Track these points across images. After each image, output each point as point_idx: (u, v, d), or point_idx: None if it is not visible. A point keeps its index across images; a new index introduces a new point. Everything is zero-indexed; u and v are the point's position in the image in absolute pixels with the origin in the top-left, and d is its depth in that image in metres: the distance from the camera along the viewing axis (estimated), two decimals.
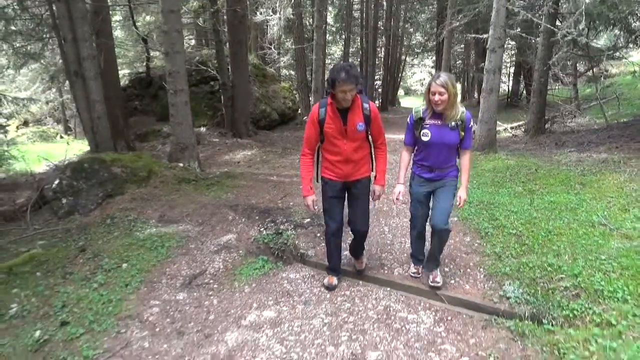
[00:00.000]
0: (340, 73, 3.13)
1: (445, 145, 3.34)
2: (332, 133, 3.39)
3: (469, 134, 3.38)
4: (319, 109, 3.42)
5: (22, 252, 4.81)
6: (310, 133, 3.49)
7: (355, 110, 3.35)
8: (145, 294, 3.86)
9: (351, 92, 3.20)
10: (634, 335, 2.50)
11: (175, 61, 6.71)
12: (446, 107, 3.21)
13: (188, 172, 7.01)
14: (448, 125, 3.28)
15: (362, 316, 3.30)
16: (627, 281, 3.11)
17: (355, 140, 3.42)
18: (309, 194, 3.55)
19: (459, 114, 3.27)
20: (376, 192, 3.63)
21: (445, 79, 3.18)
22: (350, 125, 3.34)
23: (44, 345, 3.18)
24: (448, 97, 3.16)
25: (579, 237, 4.05)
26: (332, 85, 3.19)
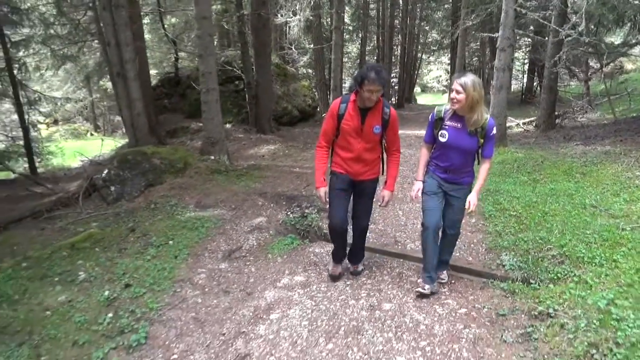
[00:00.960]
0: (370, 72, 3.13)
1: (461, 150, 3.28)
2: (348, 130, 3.42)
3: (490, 142, 3.28)
4: (339, 104, 3.45)
5: (80, 232, 5.51)
6: (328, 127, 3.51)
7: (375, 112, 3.39)
8: (192, 264, 4.51)
9: (377, 92, 3.22)
10: (602, 288, 3.04)
11: (208, 63, 7.37)
12: (464, 109, 3.14)
13: (219, 164, 7.67)
14: (467, 130, 3.21)
15: (379, 279, 3.90)
16: (604, 250, 3.65)
17: (369, 141, 3.45)
18: (321, 185, 3.58)
19: (482, 121, 3.16)
20: (385, 198, 3.65)
21: (466, 80, 3.07)
22: (367, 126, 3.38)
23: (113, 302, 3.83)
24: (466, 98, 3.06)
25: (570, 217, 4.58)
26: (361, 82, 3.20)
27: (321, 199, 3.64)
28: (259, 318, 3.41)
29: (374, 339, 2.99)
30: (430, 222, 3.44)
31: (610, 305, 2.70)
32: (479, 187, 3.37)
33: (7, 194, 9.36)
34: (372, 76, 3.12)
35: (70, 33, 11.86)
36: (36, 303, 3.91)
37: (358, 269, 4.05)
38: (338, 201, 3.62)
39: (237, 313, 3.53)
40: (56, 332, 3.43)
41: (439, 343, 2.90)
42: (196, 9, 7.07)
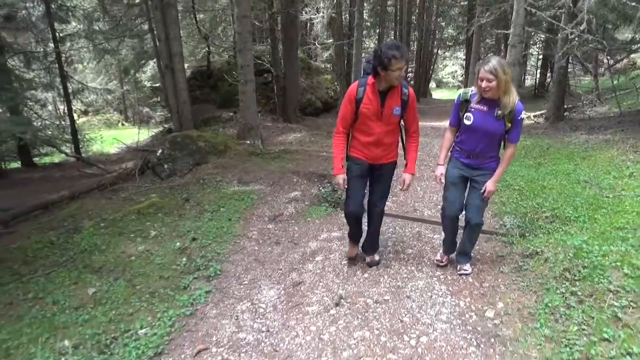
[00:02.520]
0: (393, 51, 3.05)
1: (487, 133, 3.23)
2: (367, 114, 3.36)
3: (517, 125, 3.20)
4: (357, 88, 3.38)
5: (142, 201, 6.43)
6: (346, 112, 3.44)
7: (394, 93, 3.33)
8: (244, 225, 5.39)
9: (403, 69, 3.15)
10: (582, 234, 3.85)
11: (246, 57, 8.25)
12: (497, 94, 3.09)
13: (254, 147, 8.56)
14: (494, 113, 3.15)
15: (401, 235, 4.75)
16: (588, 211, 4.46)
17: (389, 124, 3.41)
18: (340, 172, 3.53)
19: (515, 102, 3.10)
20: (406, 181, 3.63)
21: (495, 64, 3.00)
22: (387, 108, 3.33)
23: (184, 250, 4.72)
24: (498, 84, 3.01)
25: (565, 189, 5.38)
26: (387, 64, 3.09)
27: (340, 186, 3.59)
28: (306, 259, 4.29)
29: (400, 270, 3.85)
30: (450, 212, 3.60)
31: (583, 243, 3.51)
32: (499, 173, 3.35)
33: (61, 174, 10.41)
34: (397, 54, 3.04)
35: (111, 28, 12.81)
36: (120, 252, 4.82)
37: (375, 258, 4.02)
38: (355, 188, 3.62)
39: (289, 256, 4.41)
40: (143, 270, 4.35)
41: (450, 273, 3.76)
42: (237, 8, 7.94)
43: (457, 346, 2.79)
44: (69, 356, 2.98)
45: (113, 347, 3.07)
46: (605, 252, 3.32)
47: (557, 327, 2.78)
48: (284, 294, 3.67)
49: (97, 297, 3.92)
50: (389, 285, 3.63)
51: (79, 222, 5.74)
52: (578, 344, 2.57)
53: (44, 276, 4.38)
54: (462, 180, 3.50)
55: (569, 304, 2.95)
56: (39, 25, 11.70)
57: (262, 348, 2.93)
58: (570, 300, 2.98)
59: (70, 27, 13.05)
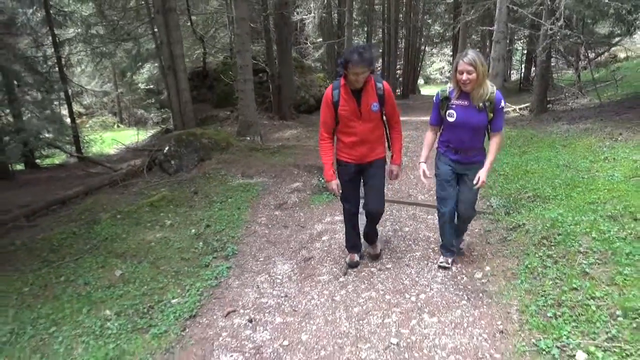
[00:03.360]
0: (353, 55, 3.08)
1: (471, 127, 3.26)
2: (347, 115, 3.36)
3: (499, 115, 3.25)
4: (332, 92, 3.38)
5: (153, 195, 6.84)
6: (326, 116, 3.45)
7: (368, 90, 3.33)
8: (252, 213, 5.83)
9: (363, 74, 3.17)
10: (558, 209, 4.35)
11: (245, 57, 8.68)
12: (474, 86, 3.12)
13: (254, 143, 9.00)
14: (476, 107, 3.18)
15: (398, 216, 5.22)
16: (565, 190, 4.95)
17: (371, 120, 3.40)
18: (332, 178, 3.54)
19: (488, 94, 3.13)
20: (394, 172, 3.68)
21: (474, 56, 3.04)
22: (364, 106, 3.34)
23: (200, 236, 5.15)
24: (477, 76, 3.04)
25: (545, 173, 5.88)
26: (345, 66, 3.16)
27: (334, 191, 3.61)
28: (314, 239, 4.75)
29: (399, 244, 4.33)
30: (447, 211, 3.56)
31: (559, 216, 4.01)
32: (490, 162, 3.35)
33: (67, 174, 10.75)
34: (355, 59, 3.06)
35: (108, 32, 13.15)
36: (139, 239, 5.24)
37: (377, 250, 4.11)
38: (348, 190, 3.67)
39: (297, 237, 4.87)
40: (164, 253, 4.78)
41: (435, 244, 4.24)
42: (236, 11, 8.36)
43: (450, 300, 3.26)
44: (114, 321, 3.41)
45: (151, 313, 3.50)
46: (577, 221, 3.82)
47: (535, 283, 3.26)
48: (297, 268, 4.13)
49: (125, 277, 4.34)
50: (390, 256, 4.11)
51: (96, 215, 6.15)
52: (552, 294, 3.05)
53: (72, 262, 4.79)
54: (452, 175, 3.49)
55: (545, 264, 3.44)
56: (39, 30, 12.00)
57: (283, 309, 3.38)
58: (547, 261, 3.47)
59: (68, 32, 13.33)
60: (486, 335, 2.81)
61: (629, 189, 4.44)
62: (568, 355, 2.45)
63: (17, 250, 5.30)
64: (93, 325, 3.37)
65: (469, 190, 3.47)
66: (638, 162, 5.50)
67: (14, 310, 3.87)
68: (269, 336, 3.04)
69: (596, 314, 2.69)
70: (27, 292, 4.25)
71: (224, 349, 2.93)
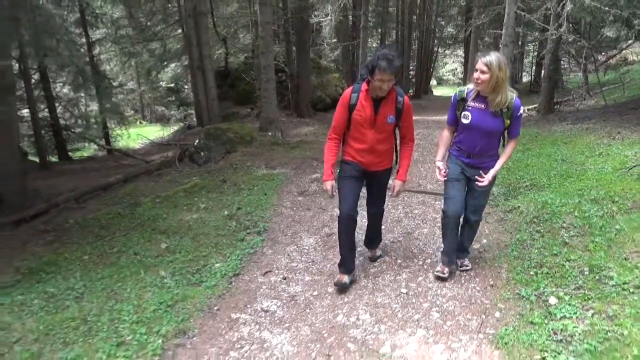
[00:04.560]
0: (382, 61, 2.95)
1: (484, 131, 3.17)
2: (360, 121, 3.28)
3: (516, 121, 3.17)
4: (351, 94, 3.31)
5: (186, 182, 7.54)
6: (339, 117, 3.37)
7: (388, 101, 3.25)
8: (277, 198, 6.49)
9: (389, 82, 3.07)
10: (550, 194, 4.95)
11: (268, 58, 9.36)
12: (487, 89, 3.04)
13: (275, 138, 9.67)
14: (491, 111, 3.09)
15: (409, 202, 5.85)
16: (559, 180, 5.56)
17: (382, 132, 3.33)
18: (328, 178, 3.47)
19: (507, 101, 3.05)
20: (396, 188, 3.57)
21: (491, 58, 2.95)
22: (380, 116, 3.25)
23: (233, 216, 5.82)
24: (490, 78, 2.96)
25: (543, 166, 6.47)
26: (371, 71, 3.06)
27: (328, 192, 3.50)
28: (334, 220, 5.38)
29: (409, 223, 4.98)
30: (451, 210, 3.45)
31: (549, 199, 4.62)
32: (501, 163, 3.28)
33: (100, 165, 11.53)
34: (383, 65, 2.96)
35: (136, 33, 13.92)
36: (178, 219, 5.92)
37: (376, 254, 4.08)
38: (349, 189, 3.51)
39: (320, 217, 5.53)
40: (202, 230, 5.45)
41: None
42: (260, 16, 9.04)
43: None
44: (169, 279, 4.09)
45: (200, 273, 4.18)
46: (564, 204, 4.44)
47: (524, 251, 3.89)
48: (320, 241, 4.79)
49: (170, 249, 5.01)
50: (401, 232, 4.75)
51: (137, 199, 6.86)
52: (536, 259, 3.67)
53: (122, 237, 5.48)
54: (463, 177, 3.40)
55: (533, 237, 4.06)
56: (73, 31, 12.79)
57: (310, 270, 4.05)
58: (535, 235, 4.10)
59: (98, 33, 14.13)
60: (479, 288, 3.45)
61: (614, 179, 5.04)
62: (543, 300, 3.08)
63: (72, 227, 6.02)
64: (153, 281, 4.05)
65: (478, 195, 3.42)
66: (628, 157, 6.08)
67: (80, 272, 4.58)
68: (300, 289, 3.70)
69: (569, 271, 3.32)
70: (87, 260, 4.94)
71: (265, 297, 3.59)
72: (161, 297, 3.55)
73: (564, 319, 2.81)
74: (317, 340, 2.95)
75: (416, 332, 2.94)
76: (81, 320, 3.29)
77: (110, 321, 3.24)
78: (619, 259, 3.27)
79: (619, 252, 3.36)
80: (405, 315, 3.16)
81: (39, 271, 4.66)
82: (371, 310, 3.24)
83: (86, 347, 2.94)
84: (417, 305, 3.28)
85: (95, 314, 3.39)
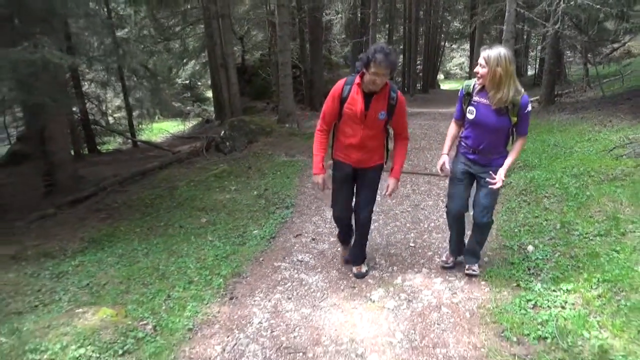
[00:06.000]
0: (378, 53, 2.87)
1: (489, 128, 3.07)
2: (350, 115, 3.19)
3: (524, 119, 3.06)
4: (343, 86, 3.20)
5: (214, 169, 8.39)
6: (329, 109, 3.28)
7: (381, 96, 3.15)
8: (299, 180, 7.29)
9: (383, 77, 2.99)
10: (538, 172, 5.72)
11: (285, 56, 10.16)
12: (486, 85, 2.98)
13: (293, 129, 10.49)
14: (499, 108, 2.98)
15: (416, 182, 6.64)
16: (548, 161, 6.33)
17: (373, 128, 3.23)
18: (319, 172, 3.43)
19: (510, 99, 2.92)
20: (390, 186, 3.45)
21: (490, 53, 2.88)
22: (371, 112, 3.15)
23: (261, 196, 6.64)
24: (487, 72, 2.89)
25: (537, 149, 7.23)
26: (366, 64, 2.96)
27: (319, 185, 3.48)
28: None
29: (416, 197, 5.79)
30: (452, 209, 3.47)
31: (536, 175, 5.40)
32: (510, 162, 3.16)
33: (128, 157, 12.44)
34: (380, 58, 2.86)
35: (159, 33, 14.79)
36: (213, 199, 6.76)
37: (362, 270, 3.76)
38: (340, 192, 3.57)
39: None
40: (236, 207, 6.27)
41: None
42: (279, 17, 9.85)
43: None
44: (217, 241, 4.92)
45: (242, 237, 5.01)
46: (547, 178, 5.24)
47: (512, 216, 4.69)
48: None
49: (210, 222, 5.84)
50: (409, 204, 5.57)
51: (173, 183, 7.71)
52: (521, 221, 4.47)
53: (165, 213, 6.34)
54: (467, 176, 3.33)
55: (520, 205, 4.86)
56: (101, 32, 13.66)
57: (334, 233, 4.83)
58: (522, 204, 4.89)
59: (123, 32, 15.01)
60: None
61: (595, 159, 5.82)
62: (522, 248, 3.88)
63: (120, 207, 6.90)
64: (203, 243, 4.88)
65: (486, 194, 3.26)
66: (613, 141, 6.82)
67: (138, 240, 5.43)
68: (327, 247, 4.52)
69: (545, 227, 4.12)
70: (139, 232, 5.79)
71: (299, 252, 4.42)
72: (216, 252, 4.40)
73: (537, 260, 3.62)
74: (344, 278, 3.77)
75: (421, 270, 3.77)
76: (154, 269, 4.14)
77: (178, 269, 4.09)
78: (585, 217, 4.07)
79: (586, 212, 4.15)
80: (413, 260, 3.99)
81: (100, 240, 5.53)
82: (386, 258, 4.06)
83: (163, 285, 3.78)
84: (422, 254, 4.11)
85: (164, 265, 4.23)
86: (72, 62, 5.55)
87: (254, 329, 3.09)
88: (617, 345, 2.48)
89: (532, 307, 3.02)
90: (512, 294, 3.23)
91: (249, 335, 3.02)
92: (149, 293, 3.64)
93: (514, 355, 2.59)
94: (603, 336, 2.56)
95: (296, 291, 3.62)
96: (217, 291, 3.62)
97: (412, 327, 2.99)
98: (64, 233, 5.92)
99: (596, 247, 3.56)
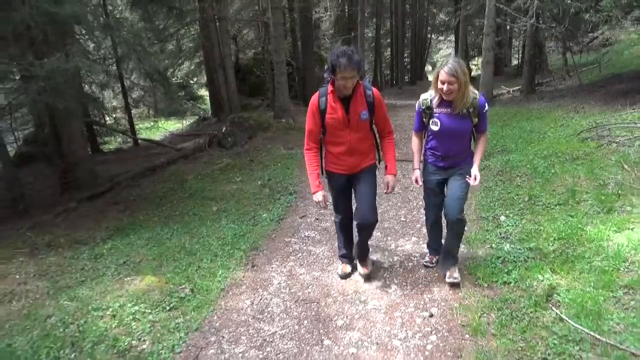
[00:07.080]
0: (341, 58, 2.93)
1: (456, 134, 3.22)
2: (334, 124, 3.23)
3: (483, 118, 3.21)
4: (318, 99, 3.25)
5: (219, 163, 9.02)
6: (312, 125, 3.32)
7: (357, 98, 3.20)
8: (299, 172, 7.90)
9: (352, 79, 3.03)
10: (513, 154, 6.42)
11: (280, 54, 10.78)
12: (456, 96, 3.06)
13: (289, 124, 11.13)
14: (459, 113, 3.12)
15: (406, 168, 7.30)
16: (524, 145, 7.04)
17: (359, 130, 3.27)
18: (317, 189, 3.39)
19: (470, 101, 3.08)
20: (390, 184, 3.45)
21: (455, 66, 2.98)
22: (353, 115, 3.19)
23: (265, 186, 7.28)
24: (459, 87, 3.00)
25: (515, 135, 7.94)
26: (333, 71, 3.01)
27: (320, 204, 3.44)
28: None
29: (405, 182, 6.47)
30: (430, 217, 3.73)
31: (510, 157, 6.11)
32: (479, 159, 3.32)
33: (132, 155, 13.00)
34: (344, 62, 2.94)
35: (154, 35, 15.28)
36: (221, 189, 7.39)
37: (368, 269, 3.79)
38: (339, 201, 3.64)
39: None
40: (243, 196, 6.92)
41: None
42: (272, 18, 10.46)
43: None
44: (232, 222, 5.56)
45: (253, 219, 5.66)
46: (521, 160, 5.96)
47: (489, 193, 5.39)
48: None
49: (221, 209, 6.49)
50: (400, 187, 6.27)
51: (182, 177, 8.33)
52: (496, 196, 5.17)
53: (179, 204, 6.97)
54: (439, 185, 3.48)
55: (497, 184, 5.57)
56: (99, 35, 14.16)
57: None
58: (498, 183, 5.60)
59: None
60: None
61: (564, 142, 6.54)
62: (496, 219, 4.59)
63: (136, 199, 7.52)
64: (220, 226, 5.53)
65: (457, 189, 3.34)
66: (582, 126, 7.54)
67: (159, 226, 6.05)
68: (329, 224, 5.18)
69: (515, 201, 4.84)
70: (157, 221, 6.42)
71: (305, 229, 5.10)
72: (233, 232, 5.06)
73: (507, 226, 4.33)
74: None
75: (411, 239, 4.47)
76: (181, 247, 4.79)
77: (203, 246, 4.75)
78: (549, 190, 4.79)
79: (550, 186, 4.88)
80: (404, 231, 4.70)
81: (124, 228, 6.16)
82: (381, 231, 4.75)
83: (192, 259, 4.43)
84: (412, 226, 4.82)
85: (189, 244, 4.89)
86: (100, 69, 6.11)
87: (274, 287, 3.77)
88: (563, 283, 3.18)
89: (502, 262, 3.70)
90: (486, 253, 3.93)
91: (271, 292, 3.70)
92: (181, 265, 4.29)
93: (485, 296, 3.29)
94: (553, 278, 3.27)
95: (306, 259, 4.30)
96: (240, 261, 4.28)
97: (404, 281, 3.69)
98: (88, 224, 6.53)
99: (555, 214, 4.29)
